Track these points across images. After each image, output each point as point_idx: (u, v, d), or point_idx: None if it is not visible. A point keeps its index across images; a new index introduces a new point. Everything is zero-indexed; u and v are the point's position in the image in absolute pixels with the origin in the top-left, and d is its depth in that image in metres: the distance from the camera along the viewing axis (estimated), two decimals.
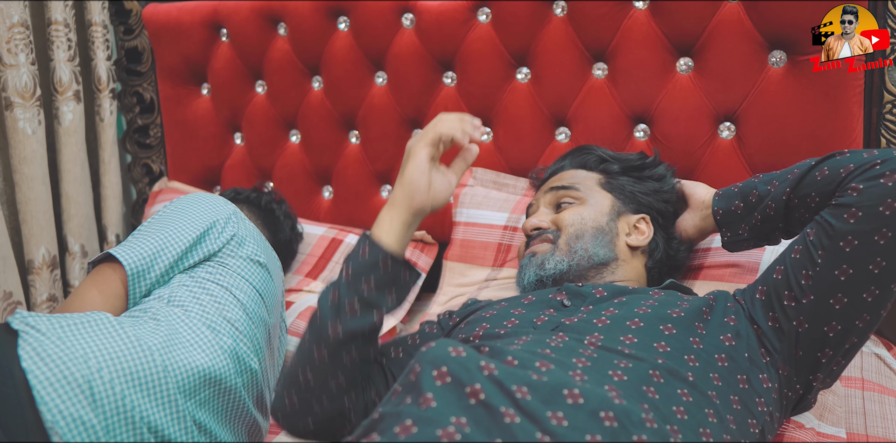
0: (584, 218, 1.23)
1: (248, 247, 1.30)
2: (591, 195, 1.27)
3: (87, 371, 0.97)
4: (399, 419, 0.70)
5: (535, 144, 1.63)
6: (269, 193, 1.66)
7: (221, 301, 1.19)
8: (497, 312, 1.08)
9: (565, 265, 1.19)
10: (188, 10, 1.92)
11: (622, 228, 1.25)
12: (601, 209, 1.25)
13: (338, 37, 1.78)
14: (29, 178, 1.79)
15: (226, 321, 1.17)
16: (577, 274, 1.19)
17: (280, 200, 1.66)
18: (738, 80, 1.42)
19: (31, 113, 1.77)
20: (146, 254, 1.18)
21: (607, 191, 1.29)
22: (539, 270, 1.20)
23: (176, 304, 1.16)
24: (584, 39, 1.54)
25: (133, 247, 1.19)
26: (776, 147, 1.41)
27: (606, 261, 1.21)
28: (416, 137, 1.08)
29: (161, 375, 1.04)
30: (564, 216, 1.24)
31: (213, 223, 1.27)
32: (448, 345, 0.76)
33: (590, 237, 1.21)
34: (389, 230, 1.05)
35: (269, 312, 1.28)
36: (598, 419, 0.74)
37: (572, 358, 0.87)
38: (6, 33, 1.71)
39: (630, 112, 1.53)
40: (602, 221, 1.24)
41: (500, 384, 0.74)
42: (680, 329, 0.96)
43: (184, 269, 1.22)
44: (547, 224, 1.25)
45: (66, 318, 1.05)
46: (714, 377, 0.91)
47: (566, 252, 1.20)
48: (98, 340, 1.02)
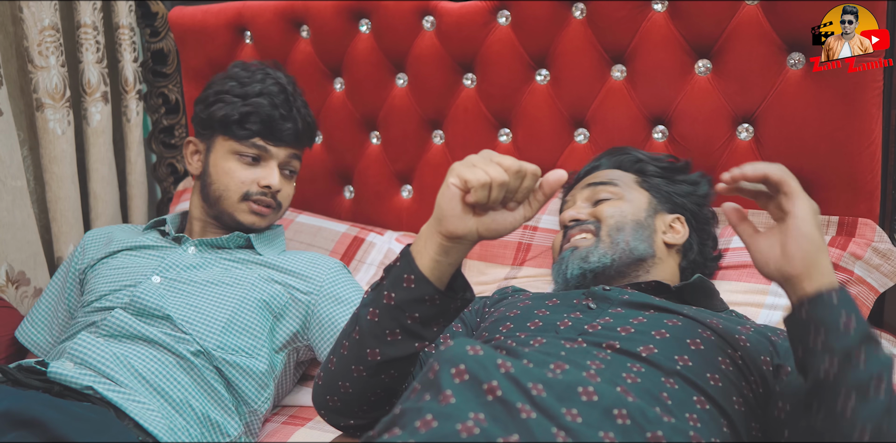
0: (623, 211, 1.23)
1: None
2: (628, 192, 1.27)
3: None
4: (420, 414, 0.72)
5: (553, 145, 1.65)
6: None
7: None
8: (521, 312, 1.08)
9: (608, 259, 1.18)
10: (213, 12, 1.96)
11: (659, 226, 1.26)
12: (639, 205, 1.26)
13: (359, 39, 1.81)
14: (59, 177, 1.83)
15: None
16: (618, 270, 1.18)
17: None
18: (757, 82, 1.43)
19: (61, 114, 1.82)
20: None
21: (644, 189, 1.30)
22: (583, 262, 1.18)
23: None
24: (602, 41, 1.55)
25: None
26: (794, 149, 1.41)
27: (645, 256, 1.20)
28: (468, 158, 0.92)
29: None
30: (604, 209, 1.23)
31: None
32: (466, 344, 0.78)
33: (630, 230, 1.21)
34: (424, 251, 0.91)
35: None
36: (611, 417, 0.76)
37: (587, 360, 0.89)
38: (37, 36, 1.75)
39: (648, 113, 1.54)
40: (641, 216, 1.24)
41: (517, 381, 0.76)
42: (708, 347, 0.95)
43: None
44: (586, 216, 1.24)
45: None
46: (737, 401, 0.90)
47: (609, 245, 1.19)
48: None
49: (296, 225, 1.79)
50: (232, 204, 1.45)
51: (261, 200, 1.46)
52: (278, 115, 1.45)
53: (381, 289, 0.93)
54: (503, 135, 1.70)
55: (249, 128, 1.44)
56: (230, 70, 1.53)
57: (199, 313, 1.31)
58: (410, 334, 0.92)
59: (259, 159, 1.46)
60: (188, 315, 1.31)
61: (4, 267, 1.69)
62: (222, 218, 1.48)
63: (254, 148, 1.45)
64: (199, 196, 1.52)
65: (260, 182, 1.45)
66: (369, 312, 0.93)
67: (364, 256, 1.70)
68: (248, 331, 1.32)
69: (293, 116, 1.48)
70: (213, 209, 1.48)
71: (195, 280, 1.37)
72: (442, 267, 0.91)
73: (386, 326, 0.92)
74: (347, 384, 0.97)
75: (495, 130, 1.71)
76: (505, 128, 1.70)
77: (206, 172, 1.49)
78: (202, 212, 1.51)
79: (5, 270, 1.69)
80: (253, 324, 1.33)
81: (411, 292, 0.91)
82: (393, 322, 0.92)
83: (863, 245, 1.34)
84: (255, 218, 1.46)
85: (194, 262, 1.41)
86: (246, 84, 1.47)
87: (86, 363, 1.21)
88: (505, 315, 1.09)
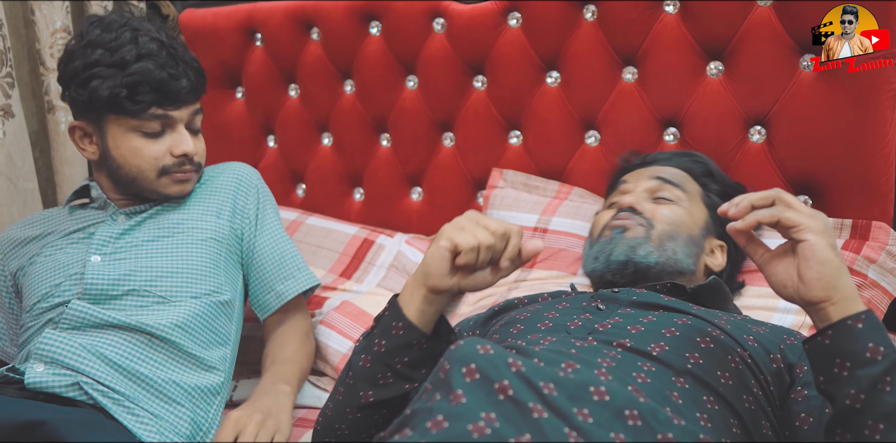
0: (681, 221, 1.20)
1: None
2: (692, 202, 1.24)
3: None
4: (430, 415, 0.72)
5: (564, 148, 1.64)
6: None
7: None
8: (531, 315, 1.08)
9: (654, 260, 1.15)
10: (223, 15, 1.97)
11: (707, 247, 1.23)
12: (697, 220, 1.22)
13: (370, 41, 1.81)
14: (70, 179, 1.84)
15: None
16: (657, 275, 1.15)
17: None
18: (769, 84, 1.42)
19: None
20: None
21: (706, 206, 1.26)
22: (631, 251, 1.15)
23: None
24: (613, 43, 1.55)
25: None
26: (807, 151, 1.40)
27: (685, 271, 1.18)
28: (456, 220, 0.96)
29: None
30: (663, 211, 1.20)
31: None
32: (476, 343, 0.78)
33: (682, 242, 1.18)
34: (410, 301, 0.97)
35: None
36: (622, 418, 0.75)
37: (597, 358, 0.88)
38: (49, 39, 1.76)
39: (660, 116, 1.54)
40: (696, 231, 1.21)
41: (528, 380, 0.75)
42: (718, 345, 0.94)
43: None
44: (643, 209, 1.21)
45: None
46: (747, 399, 0.90)
47: (657, 246, 1.16)
48: None
49: (305, 227, 1.79)
50: (151, 181, 1.34)
51: (182, 170, 1.35)
52: (167, 75, 1.29)
53: (373, 337, 1.00)
54: (513, 137, 1.70)
55: (142, 99, 1.28)
56: (88, 34, 1.30)
57: (155, 271, 1.28)
58: (401, 377, 0.98)
59: (163, 129, 1.33)
60: (145, 276, 1.27)
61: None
62: (144, 195, 1.38)
63: (154, 119, 1.30)
64: (108, 179, 1.38)
65: (173, 152, 1.33)
66: (361, 358, 1.00)
67: (374, 259, 1.70)
68: (209, 272, 1.31)
69: (183, 72, 1.32)
70: (131, 189, 1.37)
71: (134, 244, 1.32)
72: (427, 315, 0.98)
73: (378, 370, 0.98)
74: (343, 426, 1.03)
75: (505, 132, 1.71)
76: (515, 130, 1.70)
77: (107, 155, 1.34)
78: (116, 192, 1.40)
79: None
80: (212, 263, 1.32)
81: (400, 339, 0.97)
82: (384, 367, 0.98)
83: (877, 249, 1.33)
84: (180, 187, 1.37)
85: (125, 227, 1.34)
86: (116, 49, 1.27)
87: (56, 361, 1.17)
88: (515, 318, 1.09)
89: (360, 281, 1.68)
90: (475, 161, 1.74)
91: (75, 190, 1.45)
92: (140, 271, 1.29)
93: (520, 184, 1.66)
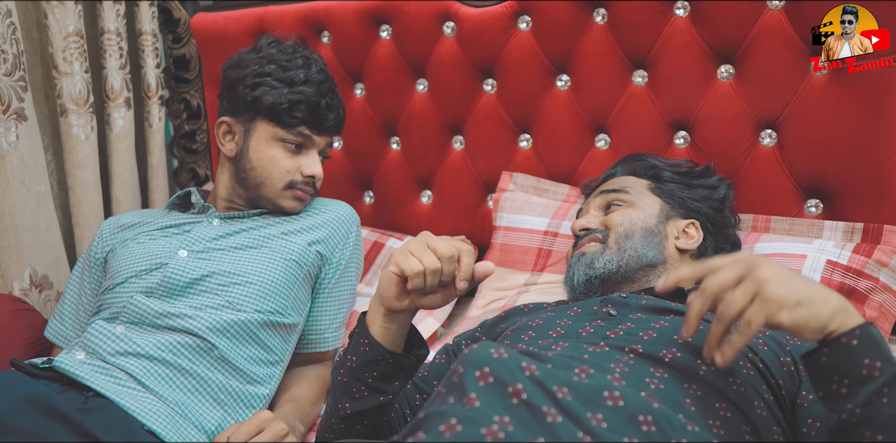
0: (633, 219, 1.24)
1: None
2: (640, 199, 1.29)
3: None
4: (444, 418, 0.72)
5: (574, 151, 1.64)
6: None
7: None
8: (543, 322, 1.09)
9: (614, 265, 1.19)
10: (235, 18, 1.97)
11: (671, 232, 1.26)
12: (650, 212, 1.27)
13: (380, 45, 1.81)
14: (82, 182, 1.85)
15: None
16: (625, 275, 1.20)
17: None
18: (780, 88, 1.42)
19: (85, 119, 1.83)
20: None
21: (656, 195, 1.31)
22: (588, 269, 1.21)
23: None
24: (624, 47, 1.55)
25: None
26: (818, 154, 1.40)
27: (654, 263, 1.21)
28: (406, 244, 0.99)
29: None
30: (613, 217, 1.25)
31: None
32: (490, 347, 0.78)
33: (639, 237, 1.22)
34: (374, 319, 1.02)
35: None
36: (636, 423, 0.75)
37: (610, 363, 0.88)
38: (62, 42, 1.77)
39: (670, 119, 1.54)
40: (651, 222, 1.25)
41: (542, 384, 0.75)
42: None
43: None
44: (595, 225, 1.26)
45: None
46: (759, 405, 0.90)
47: (615, 251, 1.21)
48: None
49: None
50: (275, 191, 1.44)
51: (304, 189, 1.45)
52: (324, 104, 1.44)
53: (346, 353, 1.06)
54: (523, 140, 1.70)
55: (296, 116, 1.42)
56: (264, 49, 1.46)
57: (232, 278, 1.33)
58: (374, 390, 1.03)
59: (301, 147, 1.44)
60: (221, 280, 1.32)
61: (28, 271, 1.71)
62: (260, 202, 1.46)
63: (299, 136, 1.43)
64: (231, 178, 1.48)
65: (304, 171, 1.44)
66: (339, 373, 1.06)
67: (384, 261, 1.70)
68: (281, 292, 1.35)
69: (336, 105, 1.47)
70: (250, 193, 1.46)
71: (222, 248, 1.38)
72: (391, 332, 1.02)
73: (352, 384, 1.03)
74: (331, 436, 1.08)
75: (515, 135, 1.71)
76: (525, 133, 1.70)
77: (243, 155, 1.45)
78: (231, 192, 1.48)
79: (28, 274, 1.71)
80: (286, 284, 1.36)
81: (367, 355, 1.02)
82: (357, 381, 1.03)
83: (888, 252, 1.32)
84: (297, 203, 1.46)
85: (220, 232, 1.41)
86: (288, 68, 1.43)
87: (95, 353, 1.23)
88: (527, 324, 1.10)
89: (371, 284, 1.69)
90: (485, 164, 1.74)
91: (178, 194, 1.55)
92: (218, 274, 1.33)
93: (530, 187, 1.66)
